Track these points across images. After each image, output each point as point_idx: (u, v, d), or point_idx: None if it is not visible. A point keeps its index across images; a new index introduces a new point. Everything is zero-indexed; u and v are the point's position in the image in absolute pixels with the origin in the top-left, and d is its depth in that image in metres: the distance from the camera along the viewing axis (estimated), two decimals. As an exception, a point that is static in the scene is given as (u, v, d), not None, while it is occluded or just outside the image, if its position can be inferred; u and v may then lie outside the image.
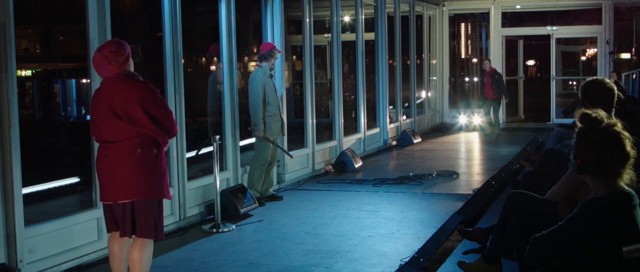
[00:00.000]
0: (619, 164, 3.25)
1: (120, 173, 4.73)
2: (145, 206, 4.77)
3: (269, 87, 8.25)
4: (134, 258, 4.83)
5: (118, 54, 4.75)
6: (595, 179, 3.28)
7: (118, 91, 4.72)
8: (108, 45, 4.82)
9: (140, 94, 4.73)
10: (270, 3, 9.43)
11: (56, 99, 19.31)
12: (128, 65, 4.81)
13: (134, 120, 4.69)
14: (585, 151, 3.28)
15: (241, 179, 8.46)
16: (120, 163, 4.73)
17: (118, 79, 4.75)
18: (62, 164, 11.79)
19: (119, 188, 4.75)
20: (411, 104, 15.74)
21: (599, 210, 3.26)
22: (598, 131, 3.27)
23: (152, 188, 4.78)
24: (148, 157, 4.76)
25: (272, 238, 6.83)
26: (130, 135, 4.72)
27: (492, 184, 9.13)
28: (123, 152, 4.72)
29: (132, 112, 4.68)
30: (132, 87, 4.74)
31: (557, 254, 3.37)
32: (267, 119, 8.25)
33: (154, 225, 4.83)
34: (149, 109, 4.72)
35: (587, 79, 5.53)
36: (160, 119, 4.76)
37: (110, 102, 4.72)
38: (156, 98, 4.80)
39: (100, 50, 4.79)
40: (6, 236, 5.37)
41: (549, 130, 13.40)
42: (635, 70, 17.15)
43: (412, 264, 5.81)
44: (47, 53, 27.69)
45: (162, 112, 4.79)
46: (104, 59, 4.73)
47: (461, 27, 20.82)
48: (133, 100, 4.69)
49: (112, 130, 4.74)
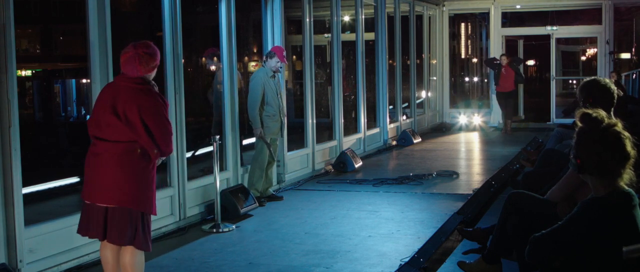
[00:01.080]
0: (619, 163, 3.25)
1: (106, 176, 4.61)
2: (120, 215, 4.62)
3: (269, 88, 8.25)
4: (126, 263, 4.75)
5: (152, 58, 4.70)
6: (596, 178, 3.28)
7: (125, 90, 4.65)
8: (145, 46, 4.71)
9: (144, 100, 4.62)
10: (270, 3, 9.44)
11: (56, 99, 19.33)
12: (153, 72, 4.75)
13: (129, 123, 4.59)
14: (585, 150, 3.28)
15: (241, 179, 8.46)
16: (109, 165, 4.61)
17: (132, 80, 4.67)
18: (62, 164, 11.79)
19: (101, 190, 4.63)
20: (411, 104, 15.74)
21: (599, 210, 3.26)
22: (599, 131, 3.27)
23: (133, 199, 4.61)
24: (137, 167, 4.63)
25: (272, 238, 6.83)
26: (124, 138, 4.61)
27: (492, 184, 9.13)
28: (114, 155, 4.62)
29: (130, 113, 4.59)
30: (140, 91, 4.65)
31: (557, 253, 3.37)
32: (265, 119, 8.25)
33: (130, 235, 4.65)
34: (145, 117, 4.59)
35: (585, 79, 5.53)
36: (154, 131, 4.61)
37: (115, 99, 4.65)
38: (158, 110, 4.64)
39: (135, 47, 4.68)
40: (6, 236, 5.37)
41: (549, 130, 13.40)
42: (635, 70, 17.16)
43: (412, 264, 5.81)
44: (47, 53, 27.71)
45: (159, 125, 4.63)
46: (137, 57, 4.64)
47: (461, 27, 20.83)
48: (134, 103, 4.60)
49: (109, 128, 4.64)
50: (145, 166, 4.67)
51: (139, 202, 4.64)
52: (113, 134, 4.64)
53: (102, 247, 4.84)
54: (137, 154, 4.63)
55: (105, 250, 4.82)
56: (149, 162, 4.69)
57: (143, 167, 4.66)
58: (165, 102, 4.76)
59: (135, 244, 4.70)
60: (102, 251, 4.86)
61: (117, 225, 4.64)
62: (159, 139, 4.65)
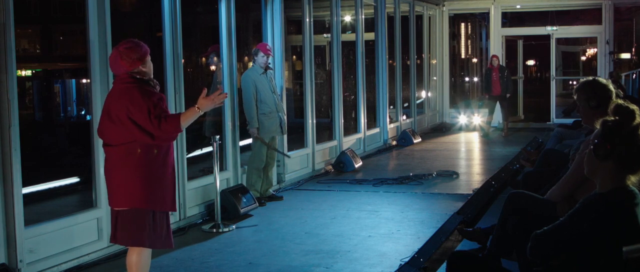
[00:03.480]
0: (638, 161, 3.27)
1: (112, 179, 4.69)
2: (126, 216, 4.65)
3: (262, 85, 8.20)
4: (131, 262, 4.78)
5: (132, 51, 4.69)
6: (614, 168, 3.27)
7: (115, 92, 4.71)
8: (125, 42, 4.76)
9: (129, 95, 4.61)
10: (270, 3, 9.43)
11: (56, 99, 19.31)
12: (142, 65, 4.71)
13: (122, 123, 4.60)
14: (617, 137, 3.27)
15: (241, 179, 8.46)
16: (114, 168, 4.68)
17: (120, 80, 4.71)
18: (62, 164, 11.79)
19: (111, 194, 4.73)
20: (411, 104, 15.74)
21: (602, 206, 3.26)
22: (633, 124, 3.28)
23: (139, 199, 4.62)
24: (140, 166, 4.63)
25: (272, 238, 6.83)
26: (122, 139, 4.63)
27: (492, 184, 9.13)
28: (117, 158, 4.66)
29: (120, 113, 4.60)
30: (125, 90, 4.64)
31: (559, 250, 3.36)
32: (261, 118, 8.21)
33: (137, 236, 4.67)
34: (132, 111, 4.57)
35: (581, 80, 5.52)
36: (139, 120, 4.57)
37: (109, 104, 4.71)
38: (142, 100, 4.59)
39: (116, 48, 4.76)
40: (6, 236, 5.37)
41: (549, 130, 13.40)
42: (635, 70, 17.17)
43: (412, 264, 5.81)
44: (47, 53, 27.70)
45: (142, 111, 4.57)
46: (118, 54, 4.70)
47: (461, 27, 20.82)
48: (120, 102, 4.61)
49: (109, 132, 4.69)
50: (150, 163, 4.65)
51: (147, 201, 4.64)
52: (113, 137, 4.68)
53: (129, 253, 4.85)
54: (137, 154, 4.63)
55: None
56: (154, 157, 4.66)
57: (147, 165, 4.65)
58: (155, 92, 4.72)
59: (146, 244, 4.71)
60: None
61: (122, 226, 4.67)
62: (147, 125, 4.57)
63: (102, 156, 6.26)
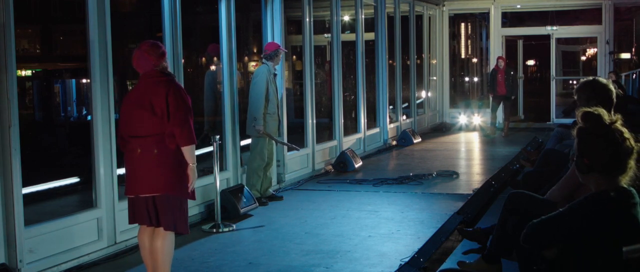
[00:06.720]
0: (624, 159, 3.25)
1: (144, 168, 4.96)
2: (166, 201, 4.98)
3: (271, 85, 8.26)
4: (157, 246, 5.07)
5: (156, 47, 5.06)
6: (600, 177, 3.28)
7: (151, 85, 4.98)
8: (144, 43, 5.11)
9: (168, 88, 4.94)
10: (270, 3, 9.43)
11: (56, 99, 19.30)
12: (164, 60, 5.07)
13: (158, 114, 4.91)
14: (591, 149, 3.27)
15: (241, 179, 8.46)
16: (145, 158, 4.95)
17: (154, 74, 5.01)
18: (62, 164, 11.78)
19: (143, 182, 4.97)
20: (411, 104, 15.74)
21: (600, 203, 3.25)
22: (603, 128, 3.27)
23: (173, 186, 4.98)
24: (170, 155, 4.96)
25: (272, 238, 6.83)
26: (153, 131, 4.93)
27: (492, 184, 9.13)
28: (148, 148, 4.94)
29: (158, 103, 4.91)
30: (163, 82, 4.97)
31: (553, 240, 3.36)
32: (266, 116, 8.24)
33: (173, 220, 5.03)
34: (170, 102, 4.91)
35: (582, 80, 5.52)
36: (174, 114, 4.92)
37: (142, 96, 4.97)
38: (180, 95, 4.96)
39: (138, 48, 5.09)
40: (6, 236, 5.37)
41: (549, 130, 13.39)
42: (635, 70, 17.18)
43: (412, 264, 5.81)
44: (47, 53, 27.68)
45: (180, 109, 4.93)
46: (144, 52, 5.02)
47: (461, 27, 20.81)
48: (160, 94, 4.92)
49: (144, 124, 4.95)
50: (175, 153, 4.97)
51: (175, 188, 5.00)
52: (144, 129, 4.96)
53: (140, 232, 5.18)
54: (167, 144, 4.96)
55: (143, 235, 5.15)
56: (177, 148, 4.97)
57: (175, 155, 4.97)
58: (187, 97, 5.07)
59: (178, 228, 5.08)
60: (139, 235, 5.19)
61: (163, 210, 4.99)
62: (177, 124, 4.90)
63: (102, 155, 6.30)
